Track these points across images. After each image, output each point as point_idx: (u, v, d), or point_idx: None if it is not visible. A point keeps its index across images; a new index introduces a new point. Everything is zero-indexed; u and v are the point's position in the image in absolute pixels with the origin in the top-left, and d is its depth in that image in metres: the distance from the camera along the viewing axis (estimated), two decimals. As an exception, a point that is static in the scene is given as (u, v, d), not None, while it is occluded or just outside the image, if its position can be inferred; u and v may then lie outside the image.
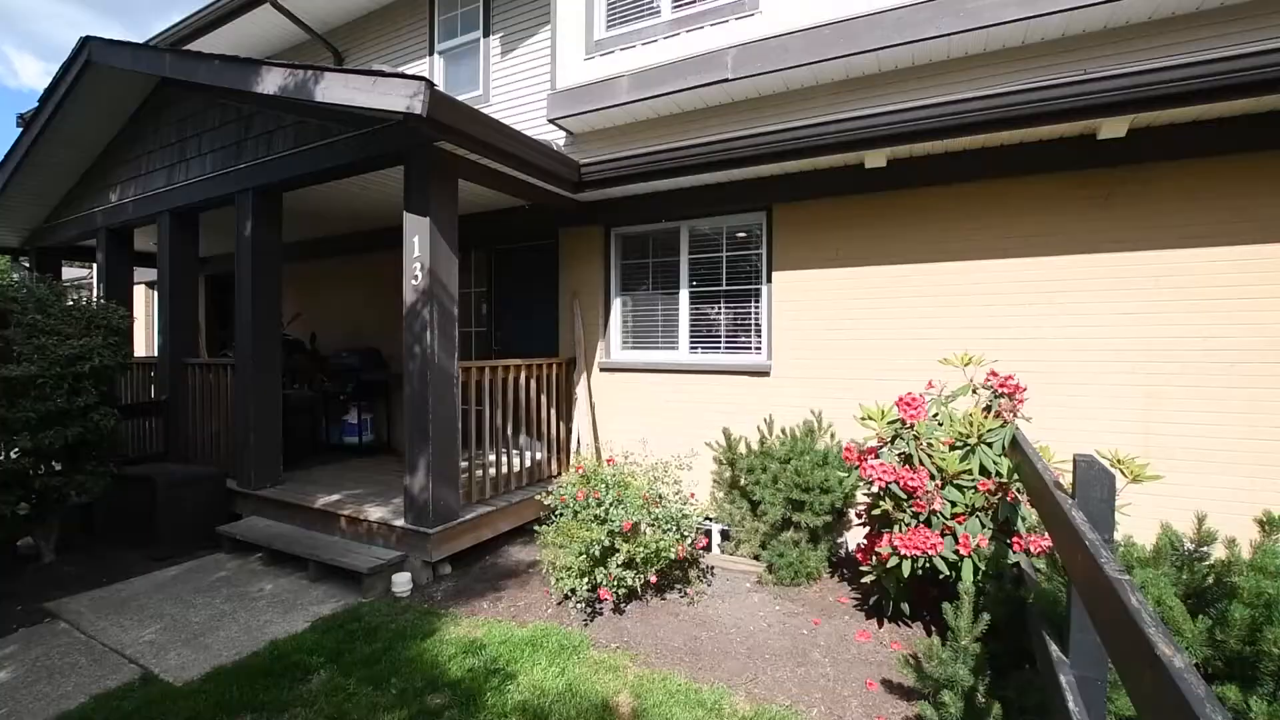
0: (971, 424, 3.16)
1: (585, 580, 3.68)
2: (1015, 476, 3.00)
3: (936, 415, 3.46)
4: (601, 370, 5.82)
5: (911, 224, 4.44)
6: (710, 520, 4.79)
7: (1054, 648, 2.01)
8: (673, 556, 3.82)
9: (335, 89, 3.85)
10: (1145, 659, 1.00)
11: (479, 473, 4.76)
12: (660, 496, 4.00)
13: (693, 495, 4.25)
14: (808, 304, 4.82)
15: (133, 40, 5.60)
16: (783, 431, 4.52)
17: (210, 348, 9.42)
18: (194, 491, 5.04)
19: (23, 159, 6.46)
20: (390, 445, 7.42)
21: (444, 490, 4.24)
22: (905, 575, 3.10)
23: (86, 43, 5.61)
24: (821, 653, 3.26)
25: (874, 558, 3.42)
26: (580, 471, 4.17)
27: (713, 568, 4.43)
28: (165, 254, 5.91)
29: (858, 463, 3.40)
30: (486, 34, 6.45)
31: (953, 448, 3.26)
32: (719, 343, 5.38)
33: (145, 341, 10.89)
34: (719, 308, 5.38)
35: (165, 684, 3.00)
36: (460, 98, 5.50)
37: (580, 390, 5.69)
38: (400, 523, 4.28)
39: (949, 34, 3.91)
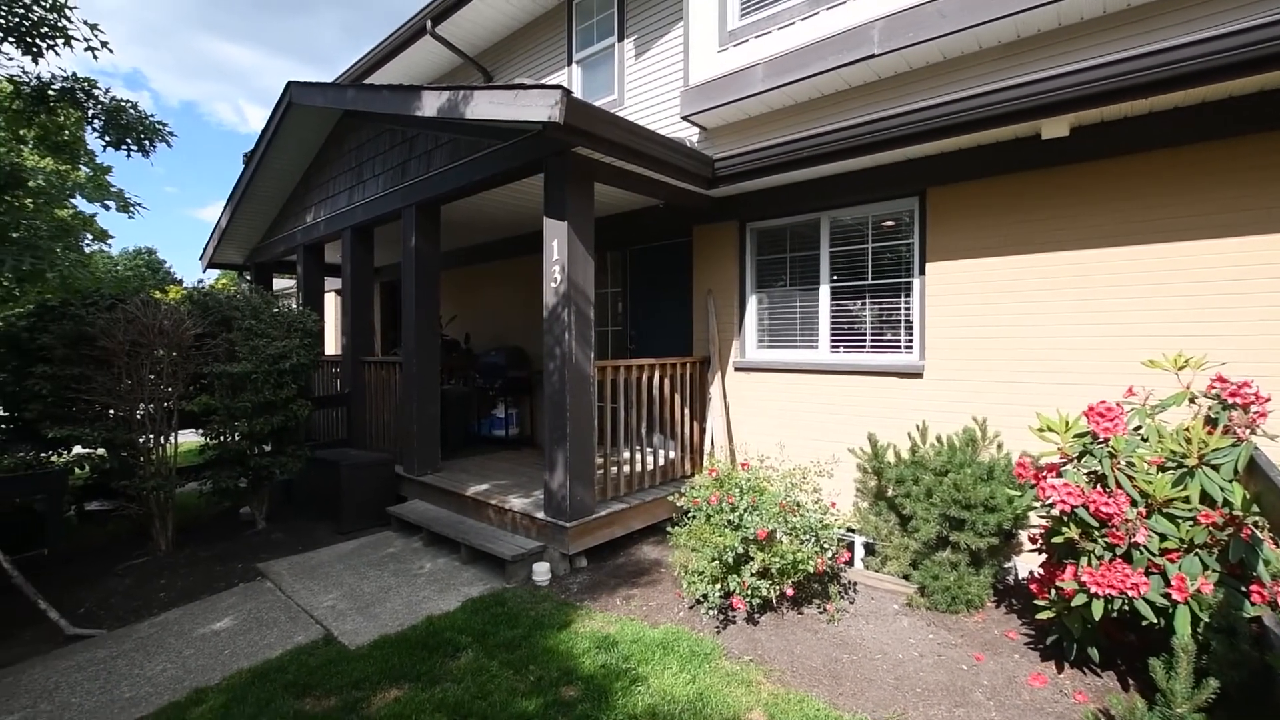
0: (1189, 440, 2.59)
1: (718, 587, 3.59)
2: (1254, 508, 2.41)
3: (1139, 428, 2.89)
4: (736, 370, 5.67)
5: (1099, 201, 3.78)
6: (853, 532, 4.46)
7: (1322, 736, 1.56)
8: (811, 569, 3.60)
9: (481, 105, 4.11)
10: None
11: (613, 470, 4.85)
12: (798, 504, 3.79)
13: (834, 505, 3.97)
14: (968, 297, 4.30)
15: (323, 81, 6.44)
16: (937, 440, 4.08)
17: (384, 348, 10.63)
18: (369, 475, 5.68)
19: (245, 189, 7.73)
20: (533, 439, 7.85)
21: (580, 486, 4.36)
22: (1096, 617, 2.62)
23: (289, 87, 6.54)
24: (985, 694, 2.87)
25: (1053, 591, 2.95)
26: (714, 475, 4.07)
27: (855, 584, 4.12)
28: (347, 265, 6.74)
29: (1034, 481, 2.94)
30: (620, 38, 6.56)
31: (1162, 469, 2.70)
32: (863, 341, 4.99)
33: (333, 342, 12.58)
34: (863, 303, 4.99)
35: (342, 646, 3.39)
36: (596, 103, 5.66)
37: (714, 390, 5.59)
38: (540, 515, 4.48)
39: (1157, -30, 3.25)
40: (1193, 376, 2.87)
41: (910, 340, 4.71)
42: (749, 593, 3.53)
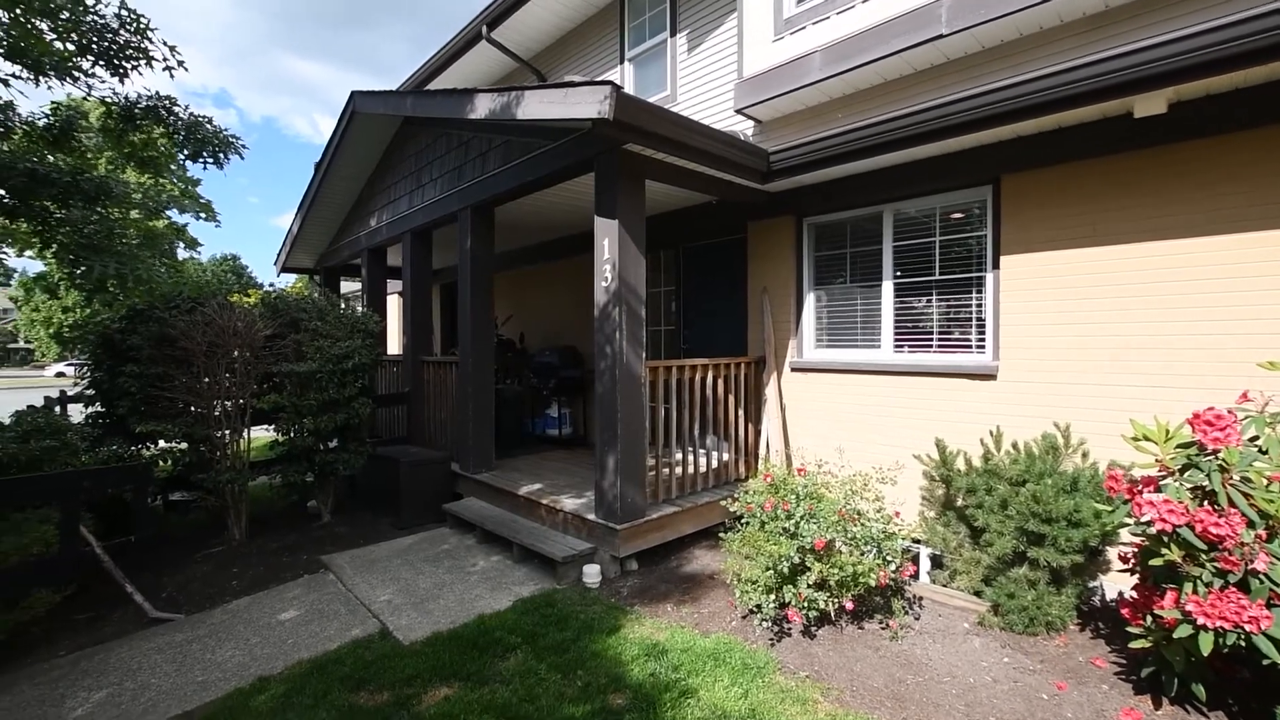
0: (1319, 454, 2.27)
1: (772, 597, 3.44)
2: (1403, 534, 2.08)
3: (1255, 439, 2.56)
4: (793, 370, 5.47)
5: (1204, 185, 3.40)
6: (918, 543, 4.20)
7: None
8: (872, 582, 3.40)
9: (532, 105, 4.10)
10: None
11: (665, 472, 4.76)
12: (859, 513, 3.59)
13: (897, 514, 3.74)
14: (1048, 293, 3.97)
15: (385, 89, 6.65)
16: (1013, 447, 3.78)
17: (442, 347, 10.93)
18: (427, 472, 5.81)
19: (314, 196, 8.09)
20: (586, 438, 7.85)
21: (631, 488, 4.29)
22: (1204, 652, 2.33)
23: (353, 96, 6.79)
24: (1070, 727, 2.62)
25: (1149, 618, 2.66)
26: (768, 480, 3.92)
27: (920, 599, 3.88)
28: (407, 268, 6.93)
29: (1128, 495, 2.66)
30: (673, 33, 6.46)
31: (1285, 485, 2.38)
32: (929, 341, 4.70)
33: (395, 342, 13.03)
34: (929, 300, 4.70)
35: (396, 641, 3.44)
36: (649, 99, 5.57)
37: (770, 391, 5.41)
38: (591, 516, 4.45)
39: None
40: (1322, 380, 2.53)
41: (982, 339, 4.40)
42: (805, 605, 3.36)
